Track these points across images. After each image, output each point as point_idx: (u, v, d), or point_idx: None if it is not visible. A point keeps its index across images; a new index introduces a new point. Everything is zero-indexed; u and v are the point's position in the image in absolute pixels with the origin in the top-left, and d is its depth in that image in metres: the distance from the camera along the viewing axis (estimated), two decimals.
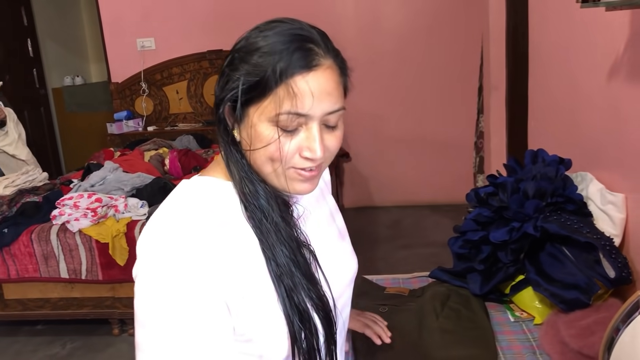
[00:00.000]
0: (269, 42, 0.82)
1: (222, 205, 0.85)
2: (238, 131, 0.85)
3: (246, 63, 0.82)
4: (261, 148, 0.82)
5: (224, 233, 0.82)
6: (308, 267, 0.87)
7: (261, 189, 0.86)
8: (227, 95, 0.83)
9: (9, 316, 3.24)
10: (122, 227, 3.00)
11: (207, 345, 0.78)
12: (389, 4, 4.77)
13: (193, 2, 4.94)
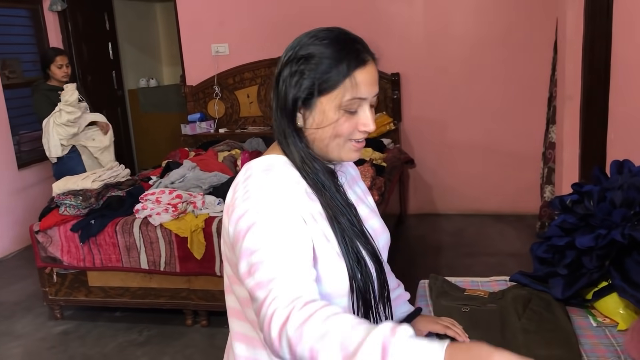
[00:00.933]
0: (333, 48, 1.06)
1: (288, 172, 1.08)
2: (303, 119, 1.08)
3: (318, 65, 1.05)
4: (328, 127, 1.07)
5: (298, 189, 1.06)
6: (360, 225, 1.13)
7: (318, 165, 1.10)
8: (301, 91, 1.06)
9: (92, 302, 3.46)
10: (201, 223, 3.15)
11: (296, 244, 0.98)
12: (459, 12, 4.79)
13: (266, 10, 5.11)
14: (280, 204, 1.01)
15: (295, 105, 1.07)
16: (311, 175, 1.09)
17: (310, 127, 1.08)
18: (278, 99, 1.09)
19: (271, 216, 0.99)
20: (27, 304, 3.83)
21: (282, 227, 0.98)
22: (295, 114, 1.08)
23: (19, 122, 5.13)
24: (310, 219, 1.05)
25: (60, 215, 3.34)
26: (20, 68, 5.26)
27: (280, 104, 1.09)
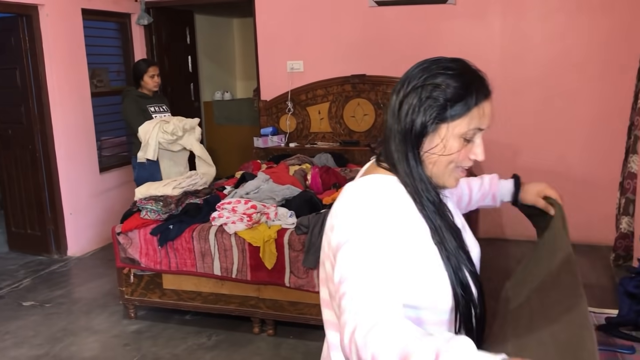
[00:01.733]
0: (463, 79, 1.11)
1: (395, 193, 1.13)
2: (421, 143, 1.12)
3: (449, 94, 1.10)
4: (449, 154, 1.11)
5: (401, 214, 1.11)
6: (465, 249, 1.16)
7: (431, 187, 1.14)
8: (430, 117, 1.10)
9: (165, 304, 3.60)
10: (273, 234, 3.24)
11: (389, 277, 1.00)
12: (536, 36, 4.74)
13: (341, 29, 5.21)
14: (377, 229, 1.05)
15: (423, 130, 1.11)
16: (425, 199, 1.13)
17: (432, 152, 1.12)
18: (400, 123, 1.13)
19: (366, 243, 1.03)
20: (103, 302, 4.02)
21: (376, 254, 1.01)
22: (422, 139, 1.12)
23: (102, 129, 5.42)
24: (415, 242, 1.10)
25: (141, 218, 3.51)
26: (108, 77, 5.58)
27: (404, 129, 1.12)
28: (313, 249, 3.12)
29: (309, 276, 3.18)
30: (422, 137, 1.11)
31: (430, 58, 1.15)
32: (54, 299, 4.09)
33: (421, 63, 1.15)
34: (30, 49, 4.67)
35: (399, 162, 1.14)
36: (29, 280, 4.47)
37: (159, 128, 4.10)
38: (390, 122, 1.16)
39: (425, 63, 1.14)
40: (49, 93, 4.74)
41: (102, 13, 5.33)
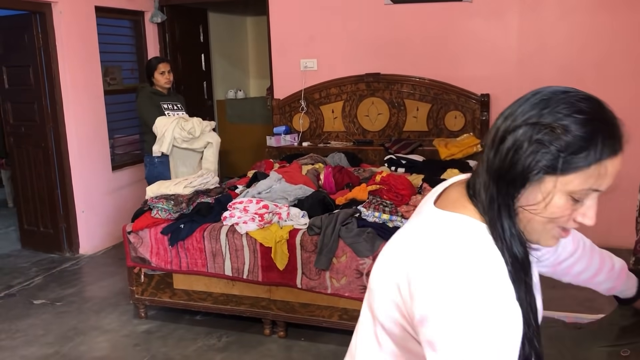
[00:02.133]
0: (589, 126, 0.86)
1: (484, 246, 0.90)
2: (518, 192, 0.90)
3: (567, 141, 0.85)
4: (549, 216, 0.89)
5: (492, 270, 0.88)
6: (536, 312, 0.95)
7: (520, 243, 0.91)
8: (535, 164, 0.86)
9: (176, 304, 3.57)
10: (285, 234, 3.19)
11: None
12: (555, 35, 4.64)
13: (356, 27, 5.15)
14: (497, 302, 0.84)
15: (524, 178, 0.88)
16: (515, 259, 0.90)
17: (529, 207, 0.90)
18: (497, 158, 0.90)
19: (485, 322, 0.82)
20: (114, 301, 3.99)
21: (498, 337, 0.83)
22: (520, 188, 0.89)
23: (115, 127, 5.40)
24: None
25: (152, 217, 3.48)
26: (121, 75, 5.56)
27: (501, 167, 0.90)
28: (325, 250, 3.06)
29: (321, 277, 3.13)
30: (520, 186, 0.89)
31: (559, 88, 0.90)
32: (65, 297, 4.08)
33: (543, 90, 0.91)
34: (43, 47, 4.66)
35: (486, 205, 0.92)
36: (41, 278, 4.46)
37: (177, 124, 4.07)
38: (487, 151, 0.93)
39: (549, 92, 0.89)
40: (62, 91, 4.73)
41: (116, 10, 5.31)
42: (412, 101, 5.02)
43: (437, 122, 4.97)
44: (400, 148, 4.78)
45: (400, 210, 3.11)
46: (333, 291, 3.12)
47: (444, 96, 4.91)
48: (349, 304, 3.14)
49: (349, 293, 3.09)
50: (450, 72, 4.88)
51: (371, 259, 3.00)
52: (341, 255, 3.07)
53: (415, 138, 5.00)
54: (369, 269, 3.01)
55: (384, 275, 0.99)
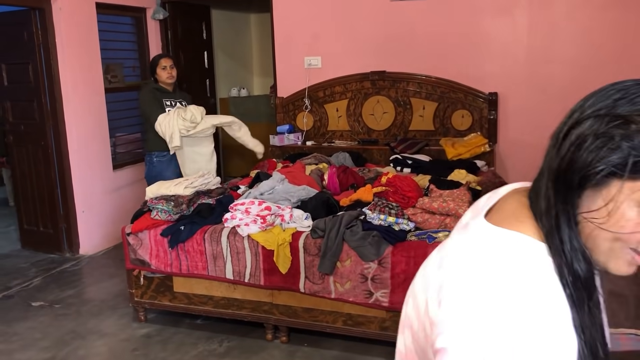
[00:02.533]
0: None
1: (539, 268, 0.76)
2: (577, 196, 0.75)
3: (636, 137, 0.70)
4: (616, 226, 0.73)
5: (543, 301, 0.73)
6: (605, 339, 0.80)
7: (583, 259, 0.76)
8: (600, 161, 0.72)
9: (176, 308, 3.48)
10: (288, 237, 3.09)
11: None
12: (564, 33, 4.52)
13: (361, 24, 5.05)
14: (541, 332, 0.71)
15: (582, 177, 0.73)
16: (576, 277, 0.75)
17: (589, 217, 0.75)
18: (557, 159, 0.77)
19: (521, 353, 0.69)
20: (113, 303, 3.91)
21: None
22: (579, 190, 0.75)
23: (116, 125, 5.32)
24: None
25: (151, 219, 3.39)
26: (122, 73, 5.48)
27: (559, 167, 0.76)
28: (329, 254, 2.97)
29: (325, 282, 3.03)
30: (579, 187, 0.74)
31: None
32: (64, 300, 4.00)
33: (624, 81, 0.76)
34: (43, 44, 4.57)
35: (543, 212, 0.78)
36: (40, 279, 4.38)
37: (177, 115, 3.99)
38: (549, 149, 0.80)
39: (631, 83, 0.75)
40: (62, 88, 4.64)
41: (117, 7, 5.23)
42: (418, 100, 4.91)
43: (444, 121, 4.86)
44: (406, 148, 4.68)
45: (406, 213, 3.01)
46: (337, 296, 3.03)
47: (451, 95, 4.80)
48: (354, 309, 3.05)
49: (354, 298, 2.99)
50: (457, 70, 4.77)
51: (376, 263, 2.91)
52: (345, 259, 2.97)
53: (421, 137, 4.90)
54: (374, 274, 2.92)
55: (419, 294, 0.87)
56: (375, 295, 2.94)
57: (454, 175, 3.98)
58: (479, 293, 0.73)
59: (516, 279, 0.73)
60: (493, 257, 0.77)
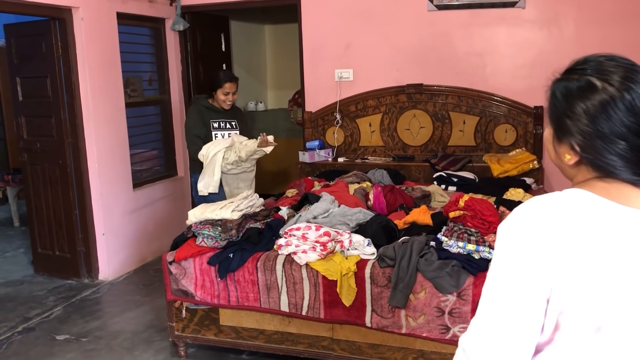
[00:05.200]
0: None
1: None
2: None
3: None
4: None
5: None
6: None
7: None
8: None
9: (222, 342, 3.18)
10: (353, 266, 2.82)
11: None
12: (614, 45, 4.33)
13: (396, 34, 4.82)
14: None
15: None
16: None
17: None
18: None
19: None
20: (146, 336, 3.60)
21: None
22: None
23: (134, 142, 5.02)
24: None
25: (196, 246, 3.10)
26: (142, 87, 5.19)
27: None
28: (401, 285, 2.70)
29: (395, 316, 2.76)
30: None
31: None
32: (91, 332, 3.68)
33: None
34: (62, 56, 4.28)
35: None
36: (60, 309, 4.05)
37: (222, 158, 3.75)
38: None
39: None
40: (82, 103, 4.35)
41: (137, 17, 4.96)
42: (457, 114, 4.68)
43: (486, 136, 4.64)
44: (449, 164, 4.44)
45: (487, 240, 2.75)
46: (408, 331, 2.76)
47: (493, 109, 4.58)
48: (426, 345, 2.78)
49: (427, 333, 2.72)
50: (499, 83, 4.56)
51: (455, 295, 2.64)
52: (419, 290, 2.71)
53: (461, 153, 4.67)
54: (452, 307, 2.66)
55: None
56: (453, 330, 2.68)
57: (509, 195, 3.74)
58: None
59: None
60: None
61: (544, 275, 0.94)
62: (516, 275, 0.95)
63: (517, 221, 0.98)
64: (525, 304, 0.94)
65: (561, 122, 1.03)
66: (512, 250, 0.96)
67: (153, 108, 5.44)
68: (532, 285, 0.94)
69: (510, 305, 0.95)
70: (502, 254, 0.98)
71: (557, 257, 0.93)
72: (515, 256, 0.95)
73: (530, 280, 0.94)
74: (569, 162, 1.03)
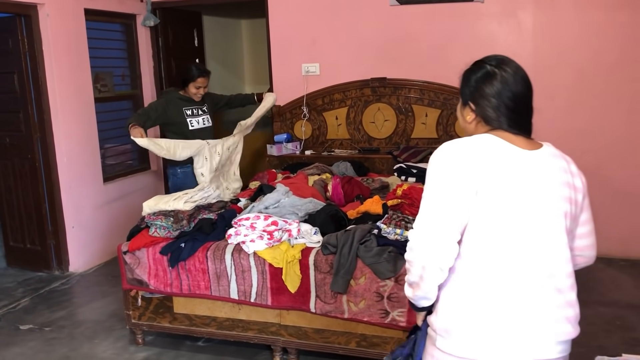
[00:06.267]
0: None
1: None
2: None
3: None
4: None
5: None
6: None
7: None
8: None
9: (177, 329, 3.28)
10: (297, 254, 2.91)
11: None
12: (570, 37, 4.42)
13: (360, 29, 4.90)
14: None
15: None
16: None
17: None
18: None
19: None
20: (108, 325, 3.70)
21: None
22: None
23: (105, 136, 5.10)
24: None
25: (149, 236, 3.19)
26: (112, 82, 5.27)
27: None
28: (342, 271, 2.79)
29: (338, 301, 2.85)
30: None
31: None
32: (55, 322, 3.77)
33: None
34: (29, 52, 4.36)
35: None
36: (28, 300, 4.14)
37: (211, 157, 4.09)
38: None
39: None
40: (49, 98, 4.42)
41: (106, 14, 5.03)
42: (420, 107, 4.77)
43: (447, 128, 4.72)
44: (410, 156, 4.52)
45: None
46: (350, 316, 2.85)
47: (454, 101, 4.66)
48: (368, 330, 2.87)
49: (369, 318, 2.82)
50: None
51: (393, 281, 2.74)
52: (360, 276, 2.80)
53: (424, 145, 4.76)
54: (390, 292, 2.75)
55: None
56: (392, 314, 2.77)
57: None
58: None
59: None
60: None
61: (465, 184, 1.40)
62: (446, 185, 1.41)
63: (446, 150, 1.46)
64: (452, 206, 1.40)
65: (463, 92, 1.58)
66: (442, 170, 1.43)
67: (126, 103, 5.51)
68: (457, 192, 1.40)
69: (440, 207, 1.41)
70: (434, 173, 1.45)
71: (472, 174, 1.41)
72: (445, 172, 1.42)
73: (456, 187, 1.40)
74: (469, 120, 1.57)
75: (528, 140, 1.51)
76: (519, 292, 1.39)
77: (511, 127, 1.49)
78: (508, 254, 1.39)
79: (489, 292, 1.40)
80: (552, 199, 1.43)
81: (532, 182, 1.42)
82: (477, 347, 1.41)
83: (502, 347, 1.39)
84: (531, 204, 1.41)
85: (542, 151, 1.49)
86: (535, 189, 1.42)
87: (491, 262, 1.40)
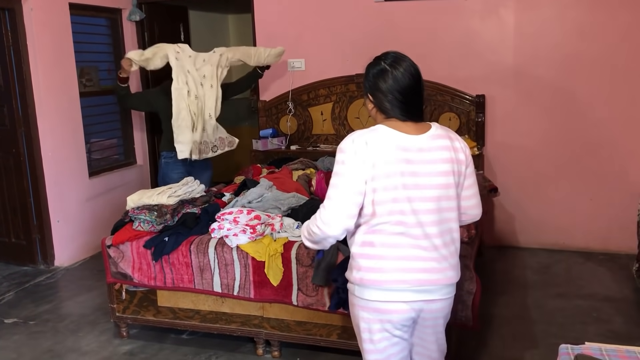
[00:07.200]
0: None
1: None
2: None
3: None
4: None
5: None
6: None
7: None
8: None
9: (160, 323, 3.31)
10: (279, 247, 2.95)
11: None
12: (551, 34, 4.48)
13: (345, 25, 4.94)
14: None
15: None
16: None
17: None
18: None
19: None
20: (93, 318, 3.72)
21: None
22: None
23: (91, 130, 5.11)
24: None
25: (133, 230, 3.22)
26: (97, 76, 5.26)
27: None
28: (324, 264, 2.84)
29: (319, 294, 2.90)
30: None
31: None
32: (39, 315, 3.79)
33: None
34: (13, 46, 4.35)
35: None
36: (12, 294, 4.15)
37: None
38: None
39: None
40: (34, 93, 4.42)
41: (91, 8, 5.02)
42: None
43: None
44: None
45: None
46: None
47: (438, 97, 4.72)
48: (349, 322, 2.90)
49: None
50: (444, 72, 4.69)
51: None
52: None
53: None
54: None
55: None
56: None
57: None
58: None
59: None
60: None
61: (360, 170, 1.71)
62: (345, 172, 1.73)
63: (349, 140, 1.75)
64: (352, 185, 1.72)
65: (364, 85, 1.86)
66: (345, 157, 1.73)
67: (111, 97, 5.50)
68: (356, 174, 1.71)
69: (343, 187, 1.73)
70: (340, 159, 1.75)
71: (369, 157, 1.71)
72: (345, 161, 1.73)
73: (356, 170, 1.71)
74: (370, 108, 1.86)
75: (417, 124, 1.78)
76: (407, 250, 1.76)
77: (403, 115, 1.77)
78: (397, 220, 1.73)
79: (387, 251, 1.76)
80: (432, 174, 1.74)
81: (414, 162, 1.73)
82: (383, 292, 1.78)
83: (399, 290, 1.77)
84: (413, 180, 1.72)
85: (427, 134, 1.77)
86: (416, 167, 1.73)
87: (385, 228, 1.75)
